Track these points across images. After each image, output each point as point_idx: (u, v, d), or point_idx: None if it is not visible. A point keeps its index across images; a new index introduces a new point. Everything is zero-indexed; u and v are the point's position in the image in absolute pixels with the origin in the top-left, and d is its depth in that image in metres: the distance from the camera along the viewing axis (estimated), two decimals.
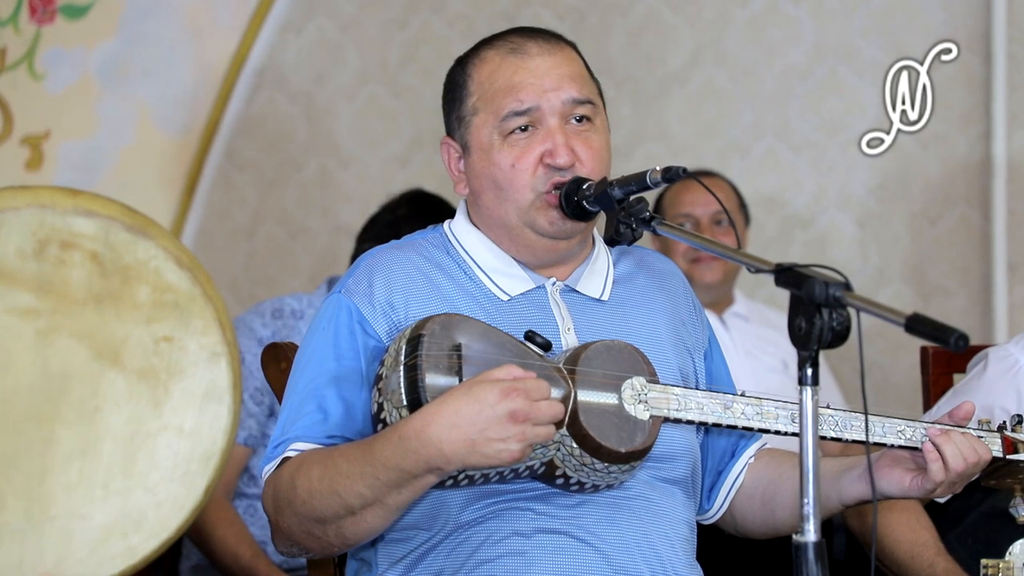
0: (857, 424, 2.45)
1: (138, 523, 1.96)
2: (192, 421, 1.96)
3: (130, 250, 1.91)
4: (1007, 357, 2.97)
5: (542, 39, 2.51)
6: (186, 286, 1.94)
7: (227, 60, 5.13)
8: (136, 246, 1.92)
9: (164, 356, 1.94)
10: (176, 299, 1.93)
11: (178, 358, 1.95)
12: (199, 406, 1.96)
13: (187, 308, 1.94)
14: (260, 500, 3.76)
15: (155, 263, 1.92)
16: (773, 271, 2.21)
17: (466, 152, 2.51)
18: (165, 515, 1.98)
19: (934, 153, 4.73)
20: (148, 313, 1.93)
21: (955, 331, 2.03)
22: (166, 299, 1.93)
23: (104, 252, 1.90)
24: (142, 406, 1.94)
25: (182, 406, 1.96)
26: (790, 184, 4.87)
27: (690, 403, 2.42)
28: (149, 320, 1.93)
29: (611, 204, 2.40)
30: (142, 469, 1.95)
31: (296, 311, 3.87)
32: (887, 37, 4.77)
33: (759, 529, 2.63)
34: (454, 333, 2.31)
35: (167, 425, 1.95)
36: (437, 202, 4.02)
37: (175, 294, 1.93)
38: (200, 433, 1.97)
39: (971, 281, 4.71)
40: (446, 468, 2.25)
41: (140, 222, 1.92)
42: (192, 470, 1.97)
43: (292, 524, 2.36)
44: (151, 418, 1.94)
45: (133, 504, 1.96)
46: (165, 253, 1.93)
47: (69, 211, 1.89)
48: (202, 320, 1.95)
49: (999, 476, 2.57)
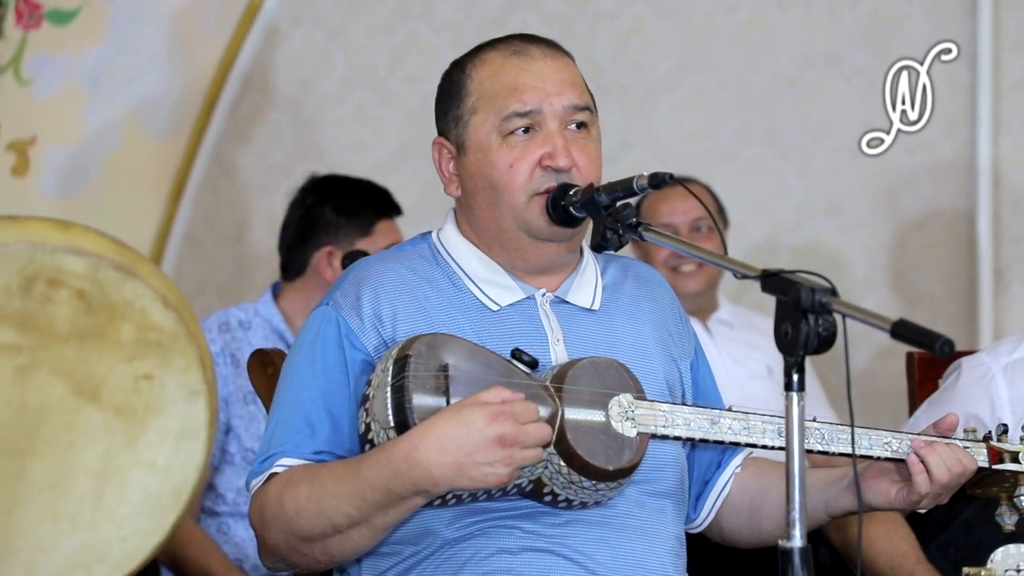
0: (843, 437, 2.46)
1: (102, 556, 1.96)
2: (166, 457, 1.96)
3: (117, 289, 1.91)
4: (980, 366, 2.97)
5: (544, 44, 2.52)
6: (170, 325, 1.94)
7: (214, 66, 5.13)
8: (124, 285, 1.91)
9: (143, 393, 1.94)
10: (160, 338, 1.93)
11: (157, 395, 1.95)
12: (174, 443, 1.96)
13: (170, 347, 1.94)
14: (230, 518, 3.76)
15: (142, 303, 1.92)
16: (759, 277, 2.22)
17: (461, 152, 2.50)
18: (131, 549, 1.98)
19: (920, 159, 4.74)
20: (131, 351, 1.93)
21: (940, 337, 2.04)
22: (150, 338, 1.93)
23: (91, 290, 1.90)
24: (116, 441, 1.94)
25: (157, 442, 1.96)
26: (777, 190, 4.88)
27: (677, 419, 2.42)
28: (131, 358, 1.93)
29: (597, 210, 2.41)
30: (111, 503, 1.95)
31: (244, 322, 3.87)
32: (874, 43, 4.78)
33: (745, 539, 2.63)
34: (441, 353, 2.30)
35: (140, 460, 1.95)
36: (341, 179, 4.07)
37: (159, 333, 1.93)
38: (173, 469, 1.97)
39: (957, 287, 4.72)
40: (434, 491, 2.25)
41: (130, 260, 1.92)
42: (162, 504, 1.97)
43: (279, 540, 2.36)
44: (125, 453, 1.94)
45: (99, 537, 1.96)
46: (152, 293, 1.92)
47: (59, 248, 1.88)
48: (184, 359, 1.95)
49: (985, 485, 2.58)
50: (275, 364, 2.60)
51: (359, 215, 3.95)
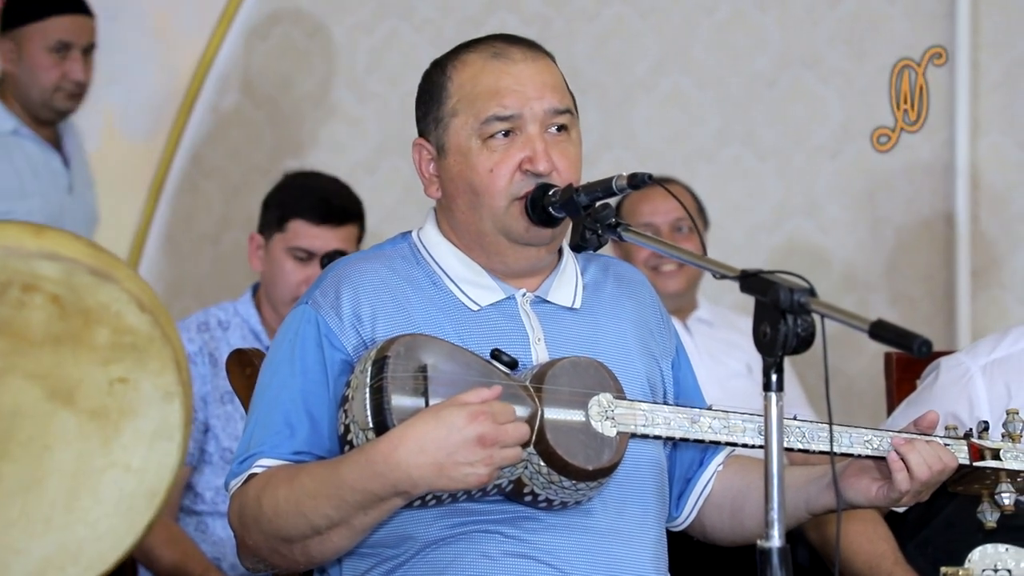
0: (823, 435, 2.46)
1: (76, 557, 1.96)
2: (140, 459, 1.96)
3: (92, 293, 1.90)
4: (958, 366, 2.98)
5: (525, 46, 2.51)
6: (146, 328, 1.93)
7: (193, 65, 5.12)
8: (99, 289, 1.90)
9: (118, 396, 1.94)
10: (135, 341, 1.93)
11: (132, 398, 1.94)
12: (149, 444, 1.96)
13: (145, 350, 1.94)
14: (209, 517, 3.76)
15: (117, 306, 1.91)
16: (738, 277, 2.22)
17: (441, 154, 2.50)
18: (105, 549, 1.98)
19: (898, 160, 4.76)
20: (106, 355, 1.92)
21: (918, 337, 2.04)
22: (125, 341, 1.92)
23: (66, 295, 1.89)
24: (91, 444, 1.94)
25: (132, 444, 1.95)
26: (756, 191, 4.89)
27: (657, 418, 2.42)
28: (106, 361, 1.93)
29: (577, 210, 2.41)
30: (85, 505, 1.95)
31: (223, 322, 3.87)
32: (852, 45, 4.79)
33: (728, 537, 2.63)
34: (420, 354, 2.30)
35: (114, 462, 1.95)
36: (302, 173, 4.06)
37: (134, 336, 1.92)
38: (147, 470, 1.97)
39: (935, 288, 4.74)
40: (413, 492, 2.25)
41: (105, 264, 1.91)
42: (136, 506, 1.97)
43: (258, 541, 2.35)
44: (99, 456, 1.94)
45: (72, 538, 1.95)
46: (128, 296, 1.92)
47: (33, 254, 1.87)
48: (159, 362, 1.95)
49: (966, 483, 2.58)
50: (254, 364, 2.60)
51: (275, 207, 3.94)
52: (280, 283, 3.86)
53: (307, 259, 3.85)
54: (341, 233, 3.89)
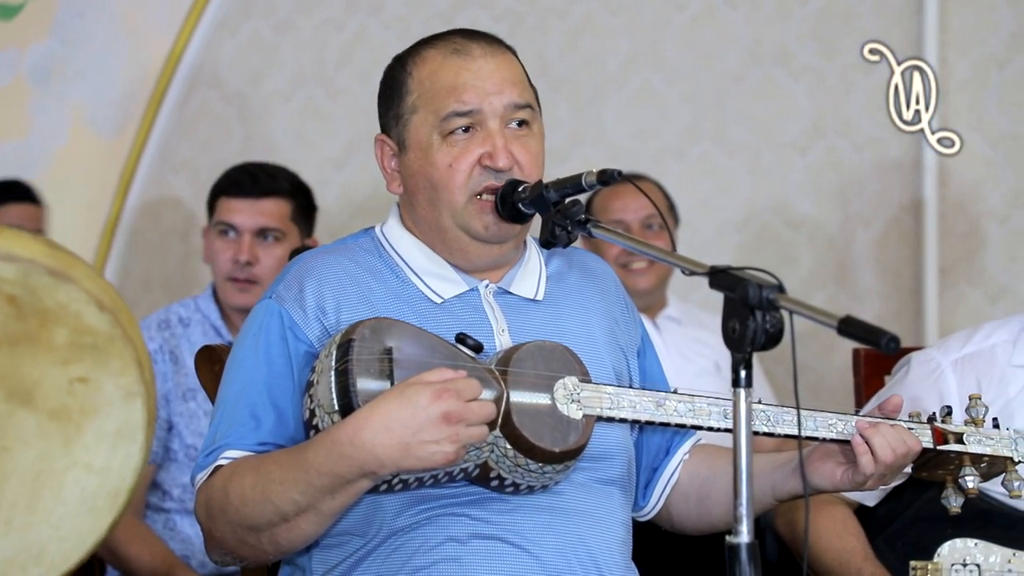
0: (788, 419, 2.47)
1: (38, 557, 1.95)
2: (103, 458, 1.95)
3: (50, 293, 1.89)
4: (929, 361, 3.00)
5: (484, 41, 2.51)
6: (106, 328, 1.92)
7: (161, 61, 5.10)
8: (57, 289, 1.89)
9: (78, 396, 1.92)
10: (95, 341, 1.91)
11: (93, 398, 1.93)
12: (111, 444, 1.95)
13: (105, 349, 1.92)
14: (177, 515, 3.75)
15: (76, 306, 1.90)
16: (707, 274, 2.22)
17: (402, 150, 2.50)
18: (67, 549, 1.97)
19: (867, 157, 4.77)
20: (65, 355, 1.91)
21: (886, 333, 2.05)
22: (84, 341, 1.91)
23: (23, 296, 1.88)
24: (52, 444, 1.92)
25: (93, 444, 1.94)
26: (725, 187, 4.90)
27: (623, 401, 2.43)
28: (65, 361, 1.91)
29: (546, 206, 2.41)
30: (47, 506, 1.94)
31: (184, 319, 3.87)
32: (821, 41, 4.81)
33: (695, 526, 2.64)
34: (385, 337, 2.30)
35: (76, 462, 1.94)
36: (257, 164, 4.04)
37: (94, 336, 1.91)
38: (110, 470, 1.96)
39: (902, 284, 4.75)
40: (380, 472, 2.25)
41: (63, 263, 1.90)
42: (99, 506, 1.96)
43: (225, 532, 2.35)
44: (60, 456, 1.93)
45: (35, 538, 1.94)
46: (87, 296, 1.91)
47: None
48: (120, 361, 1.93)
49: (931, 468, 2.59)
50: (222, 360, 2.59)
51: (212, 192, 3.97)
52: (214, 264, 3.90)
53: (231, 234, 3.86)
54: (262, 205, 3.89)
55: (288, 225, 3.92)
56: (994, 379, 2.96)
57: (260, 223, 3.87)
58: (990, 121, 4.65)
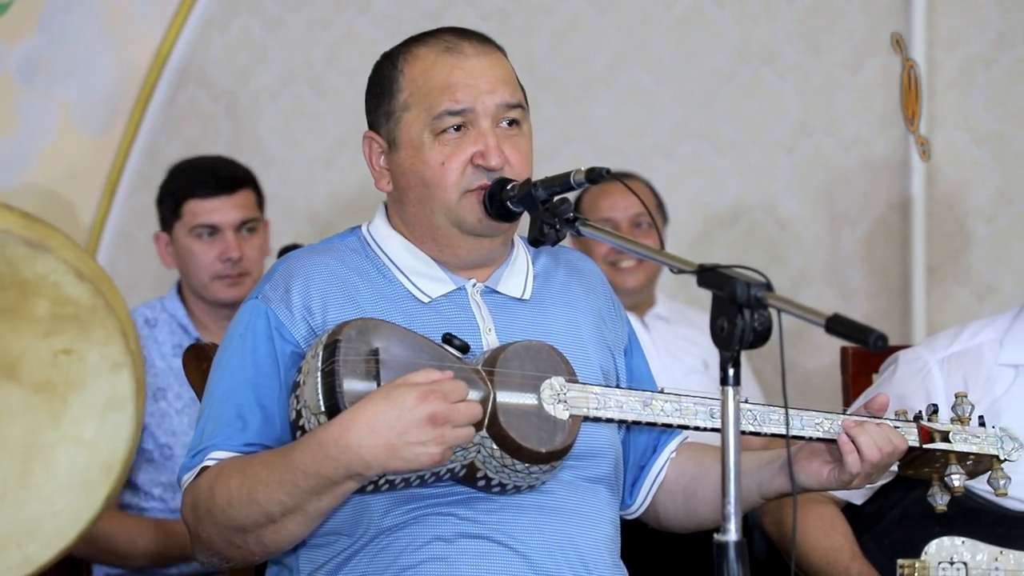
0: (775, 418, 2.48)
1: (34, 533, 1.93)
2: (92, 431, 1.93)
3: (28, 264, 1.87)
4: (916, 359, 3.00)
5: (476, 40, 2.51)
6: (87, 298, 1.90)
7: (149, 58, 5.09)
8: (34, 260, 1.88)
9: (63, 369, 1.91)
10: (77, 311, 1.90)
11: (78, 370, 1.92)
12: (100, 416, 1.93)
13: (88, 320, 1.91)
14: (160, 515, 3.73)
15: (54, 276, 1.88)
16: (696, 272, 2.23)
17: (393, 148, 2.50)
18: (62, 525, 1.95)
19: (855, 155, 4.78)
20: (47, 327, 1.89)
21: (874, 331, 2.05)
22: (66, 312, 1.89)
23: (0, 267, 1.86)
24: (39, 418, 1.91)
25: (82, 416, 1.93)
26: (713, 185, 4.90)
27: (609, 401, 2.43)
28: (47, 334, 1.90)
29: (534, 205, 2.41)
30: (38, 480, 1.93)
31: (150, 319, 3.88)
32: (808, 40, 4.81)
33: (682, 524, 2.65)
34: (371, 338, 2.30)
35: (65, 436, 1.92)
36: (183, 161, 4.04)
37: (75, 306, 1.90)
38: (100, 443, 1.94)
39: (890, 283, 4.76)
40: (366, 474, 2.25)
41: (40, 234, 1.89)
42: (92, 479, 1.95)
43: (212, 533, 2.34)
44: (49, 430, 1.91)
45: (28, 514, 1.93)
46: (65, 266, 1.89)
47: None
48: (104, 331, 1.92)
49: (916, 466, 2.60)
50: (210, 358, 2.59)
51: (167, 198, 3.95)
52: (194, 267, 3.88)
53: (212, 234, 3.86)
54: (237, 199, 3.90)
55: (259, 213, 3.95)
56: (981, 377, 2.96)
57: (239, 217, 3.89)
58: (977, 120, 4.65)
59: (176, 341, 3.81)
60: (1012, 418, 2.86)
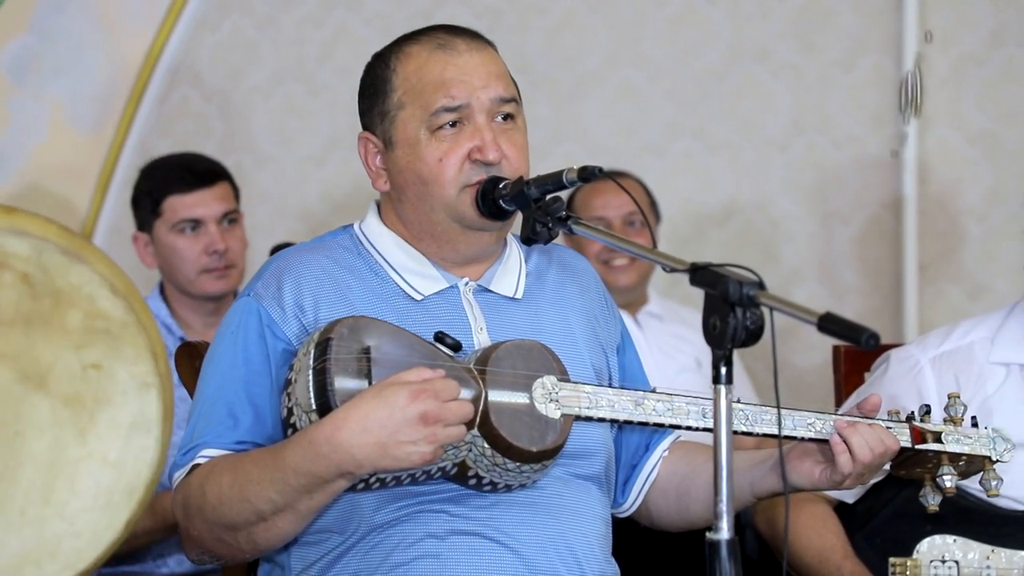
0: (767, 418, 2.48)
1: (53, 553, 1.91)
2: (117, 451, 1.91)
3: (63, 274, 1.86)
4: (908, 358, 3.00)
5: (468, 36, 2.52)
6: (119, 314, 1.89)
7: (141, 57, 5.09)
8: (70, 270, 1.87)
9: (92, 383, 1.89)
10: (108, 326, 1.88)
11: (106, 386, 1.90)
12: (125, 436, 1.91)
13: (119, 336, 1.89)
14: None
15: (89, 288, 1.87)
16: (688, 270, 2.23)
17: (389, 147, 2.50)
18: (82, 546, 1.92)
19: (847, 154, 4.78)
20: (78, 339, 1.88)
21: (866, 330, 2.05)
22: (98, 325, 1.88)
23: (36, 274, 1.85)
24: (66, 433, 1.88)
25: (108, 435, 1.90)
26: (706, 184, 4.91)
27: (601, 400, 2.43)
28: (79, 346, 1.88)
29: (527, 203, 2.41)
30: (61, 497, 1.90)
31: None
32: (801, 39, 4.81)
33: (674, 522, 2.65)
34: (363, 336, 2.30)
35: (91, 454, 1.90)
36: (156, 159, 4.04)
37: (107, 321, 1.88)
38: (125, 464, 1.92)
39: (882, 281, 4.76)
40: (357, 472, 2.25)
41: (76, 245, 1.88)
42: (114, 501, 1.92)
43: (203, 531, 2.34)
44: (74, 446, 1.89)
45: (50, 533, 1.90)
46: (100, 279, 1.88)
47: (3, 230, 1.84)
48: (134, 349, 1.90)
49: (909, 466, 2.60)
50: (202, 356, 2.59)
51: (144, 198, 3.94)
52: (179, 263, 3.87)
53: (195, 228, 3.86)
54: (215, 192, 3.90)
55: (237, 205, 3.95)
56: (972, 376, 2.97)
57: (221, 210, 3.89)
58: (969, 118, 4.66)
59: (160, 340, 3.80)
60: (1003, 416, 2.86)
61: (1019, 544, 2.85)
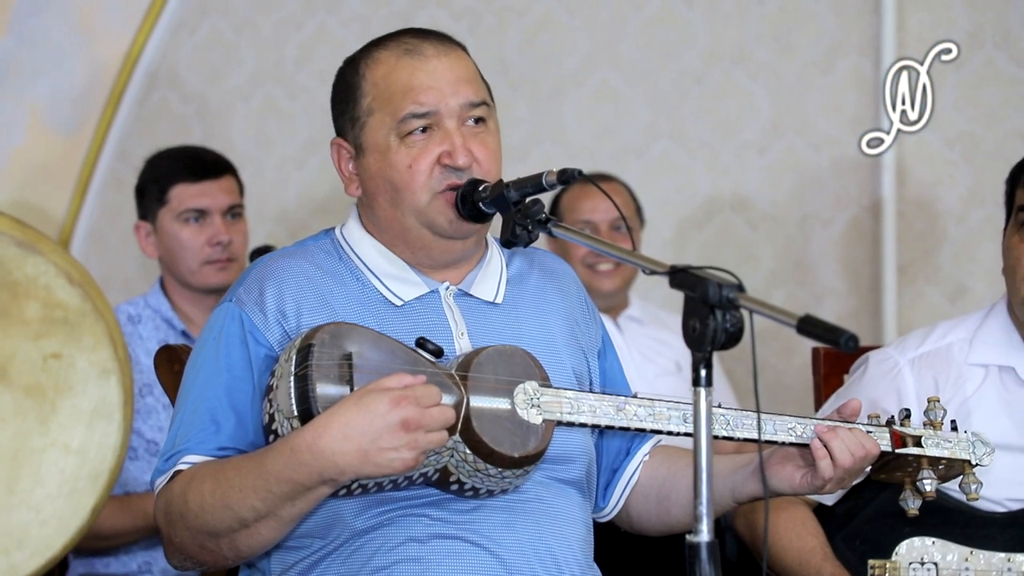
0: (748, 423, 2.48)
1: (20, 541, 1.92)
2: (80, 439, 1.92)
3: (19, 265, 1.87)
4: (887, 360, 3.01)
5: (436, 40, 2.51)
6: (76, 303, 1.89)
7: (119, 59, 5.07)
8: (25, 262, 1.87)
9: (52, 373, 1.90)
10: (66, 315, 1.89)
11: (67, 375, 1.90)
12: (87, 423, 1.92)
13: (77, 325, 1.90)
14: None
15: (45, 279, 1.88)
16: (668, 273, 2.23)
17: (360, 153, 2.49)
18: (50, 533, 1.93)
19: (826, 155, 4.79)
20: (37, 329, 1.88)
21: (845, 332, 2.06)
22: (56, 315, 1.88)
23: None
24: (28, 422, 1.89)
25: (70, 423, 1.91)
26: (685, 186, 4.91)
27: (582, 406, 2.43)
28: (37, 336, 1.89)
29: (507, 206, 2.41)
30: (26, 486, 1.91)
31: (133, 316, 3.86)
32: (779, 41, 4.82)
33: (654, 527, 2.65)
34: (344, 342, 2.30)
35: (54, 442, 1.91)
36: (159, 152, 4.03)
37: (65, 311, 1.89)
38: (88, 451, 1.93)
39: (861, 283, 4.77)
40: (339, 479, 2.25)
41: (30, 237, 1.88)
42: (79, 488, 1.93)
43: (185, 538, 2.34)
44: (37, 435, 1.90)
45: (16, 522, 1.91)
46: (56, 269, 1.88)
47: None
48: (92, 337, 1.91)
49: (889, 470, 2.61)
50: (181, 360, 2.58)
51: (151, 186, 3.93)
52: (183, 253, 3.86)
53: (200, 219, 3.86)
54: (222, 184, 3.91)
55: (242, 200, 3.95)
56: (951, 377, 2.97)
57: (227, 202, 3.90)
58: (947, 120, 4.67)
59: (161, 336, 3.80)
60: (982, 417, 2.87)
61: (997, 546, 2.86)
